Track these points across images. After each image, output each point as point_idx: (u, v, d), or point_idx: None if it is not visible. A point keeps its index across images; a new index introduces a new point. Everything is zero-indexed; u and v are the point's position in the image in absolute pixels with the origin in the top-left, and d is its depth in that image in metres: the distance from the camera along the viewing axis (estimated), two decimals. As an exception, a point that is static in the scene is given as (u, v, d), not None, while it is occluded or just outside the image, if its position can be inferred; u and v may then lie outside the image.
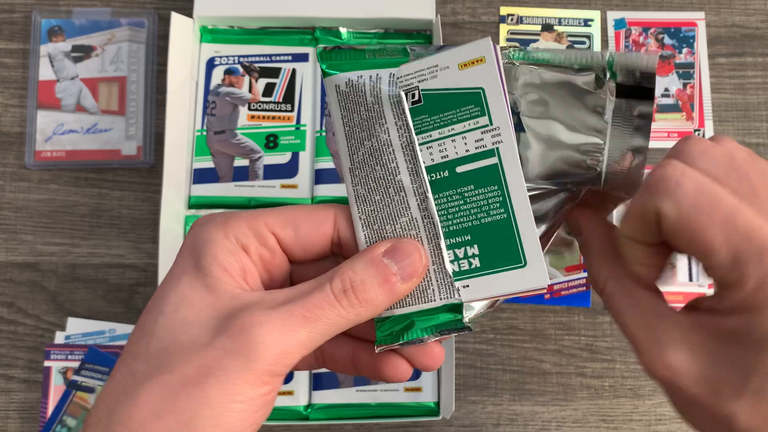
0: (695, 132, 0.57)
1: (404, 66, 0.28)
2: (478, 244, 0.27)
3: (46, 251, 0.54)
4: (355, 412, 0.50)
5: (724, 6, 0.59)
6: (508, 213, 0.27)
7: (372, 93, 0.28)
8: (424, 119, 0.27)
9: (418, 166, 0.27)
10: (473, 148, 0.27)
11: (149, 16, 0.57)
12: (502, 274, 0.27)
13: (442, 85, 0.27)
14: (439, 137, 0.27)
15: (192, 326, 0.25)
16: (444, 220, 0.27)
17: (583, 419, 0.52)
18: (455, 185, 0.27)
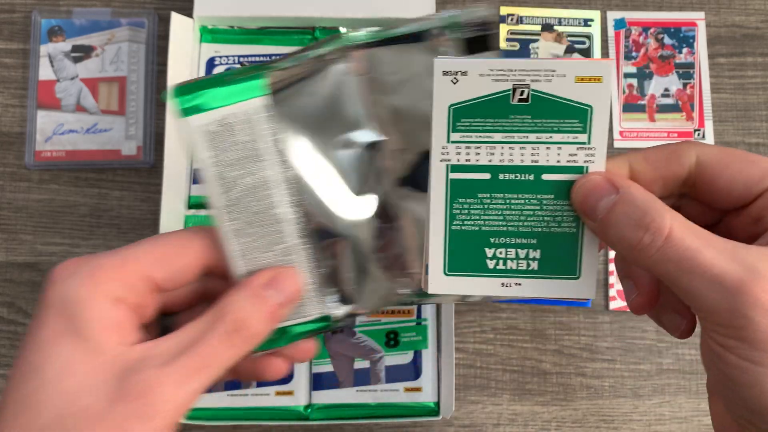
0: (695, 132, 0.57)
1: (520, 59, 0.28)
2: (541, 250, 0.29)
3: (46, 251, 0.54)
4: (354, 412, 0.50)
5: (724, 6, 0.59)
6: (578, 228, 0.28)
7: (245, 131, 0.28)
8: (525, 119, 0.28)
9: (303, 196, 0.29)
10: (564, 161, 0.28)
11: (149, 16, 0.57)
12: (554, 281, 0.29)
13: (554, 91, 0.27)
14: (536, 141, 0.28)
15: (84, 394, 0.24)
16: (515, 220, 0.28)
17: (583, 419, 0.52)
18: (537, 191, 0.28)
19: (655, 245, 0.25)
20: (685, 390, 0.53)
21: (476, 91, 0.28)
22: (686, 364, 0.53)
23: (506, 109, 0.28)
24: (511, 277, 0.29)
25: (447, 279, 0.29)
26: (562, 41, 0.58)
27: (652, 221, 0.25)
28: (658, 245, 0.25)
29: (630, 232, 0.25)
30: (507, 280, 0.29)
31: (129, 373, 0.24)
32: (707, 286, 0.24)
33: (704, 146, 0.28)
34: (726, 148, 0.28)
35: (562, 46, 0.58)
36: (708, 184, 0.28)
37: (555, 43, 0.58)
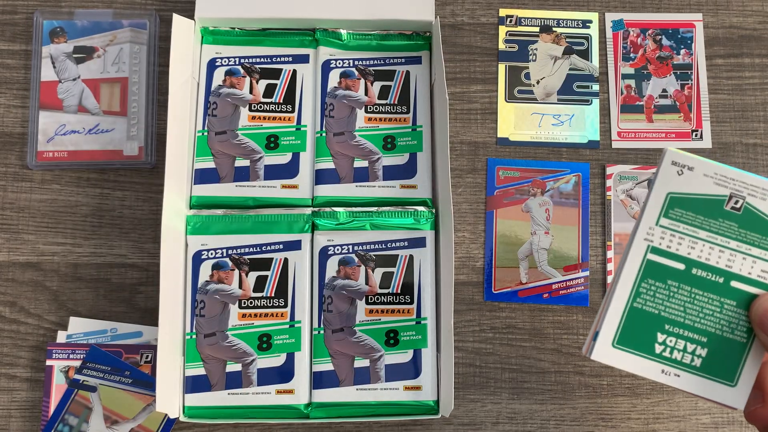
0: (692, 133, 0.57)
1: (742, 172, 0.30)
2: (708, 349, 0.30)
3: (48, 251, 0.54)
4: (355, 410, 0.50)
5: (722, 7, 0.59)
6: (749, 340, 0.30)
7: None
8: (732, 226, 0.30)
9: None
10: (756, 275, 0.30)
11: (151, 18, 0.57)
12: (711, 382, 0.30)
13: (766, 209, 0.30)
14: (735, 249, 0.30)
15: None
16: (694, 315, 0.30)
17: (582, 418, 0.52)
18: (722, 294, 0.30)
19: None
20: (683, 389, 0.53)
21: (696, 188, 0.30)
22: (684, 363, 0.53)
23: (718, 212, 0.30)
24: (672, 367, 0.30)
25: (613, 350, 0.30)
26: (560, 42, 0.58)
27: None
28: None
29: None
30: (668, 369, 0.30)
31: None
32: None
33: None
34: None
35: (561, 48, 0.58)
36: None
37: (553, 44, 0.58)
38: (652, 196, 0.30)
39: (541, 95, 0.58)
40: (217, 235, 0.52)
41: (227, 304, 0.51)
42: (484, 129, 0.57)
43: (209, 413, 0.50)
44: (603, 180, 0.56)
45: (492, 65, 0.58)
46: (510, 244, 0.55)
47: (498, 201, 0.55)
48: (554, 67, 0.58)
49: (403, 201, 0.53)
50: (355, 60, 0.55)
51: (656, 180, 0.30)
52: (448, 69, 0.57)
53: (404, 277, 0.51)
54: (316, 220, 0.52)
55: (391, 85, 0.55)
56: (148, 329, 0.52)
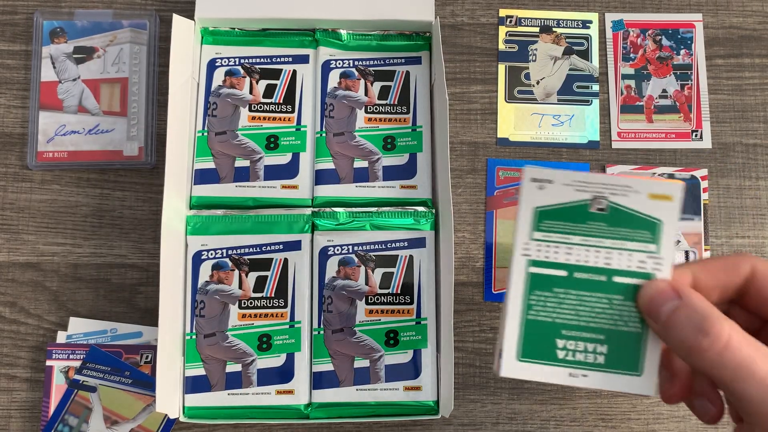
0: (692, 133, 0.57)
1: (600, 174, 0.32)
2: (608, 345, 0.31)
3: (48, 251, 0.54)
4: (355, 410, 0.50)
5: (722, 7, 0.59)
6: (643, 329, 0.31)
7: None
8: (602, 226, 0.31)
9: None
10: (635, 266, 0.31)
11: (151, 18, 0.57)
12: (618, 376, 0.31)
13: (629, 205, 0.31)
14: (610, 246, 0.31)
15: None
16: (586, 315, 0.31)
17: (582, 418, 0.52)
18: (608, 290, 0.31)
19: (714, 350, 0.27)
20: (683, 389, 0.53)
21: (560, 198, 0.31)
22: (684, 363, 0.53)
23: (585, 216, 0.31)
24: (578, 368, 0.31)
25: (519, 364, 0.31)
26: (560, 43, 0.58)
27: (711, 327, 0.28)
28: (717, 350, 0.27)
29: (691, 335, 0.28)
30: (575, 371, 0.31)
31: None
32: (762, 395, 0.26)
33: (759, 260, 0.31)
34: (704, 261, 0.32)
35: (561, 48, 0.58)
36: (758, 295, 0.31)
37: (553, 44, 0.58)
38: (520, 213, 0.31)
39: (541, 95, 0.58)
40: (217, 236, 0.52)
41: (227, 305, 0.51)
42: (484, 129, 0.57)
43: (209, 413, 0.50)
44: (603, 180, 0.56)
45: (492, 65, 0.58)
46: (510, 244, 0.55)
47: (498, 201, 0.55)
48: (554, 67, 0.58)
49: (403, 201, 0.53)
50: (355, 60, 0.55)
51: (521, 198, 0.32)
52: (448, 69, 0.57)
53: (404, 277, 0.51)
54: (316, 220, 0.52)
55: (391, 86, 0.55)
56: (148, 329, 0.52)
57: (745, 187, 0.56)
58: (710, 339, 0.27)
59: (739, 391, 0.27)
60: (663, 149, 0.57)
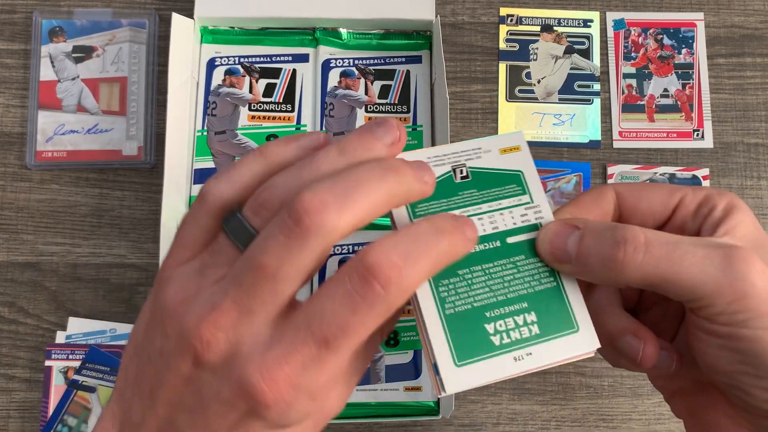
0: (694, 132, 0.57)
1: (450, 144, 0.31)
2: (535, 312, 0.29)
3: (47, 251, 0.54)
4: (354, 411, 0.50)
5: (723, 6, 0.59)
6: (556, 280, 0.29)
7: None
8: (473, 193, 0.30)
9: None
10: (520, 222, 0.30)
11: (150, 17, 0.57)
12: (560, 340, 0.29)
13: (487, 165, 0.30)
14: (489, 210, 0.30)
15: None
16: (500, 288, 0.29)
17: (583, 418, 0.52)
18: (508, 255, 0.29)
19: (639, 250, 0.27)
20: (685, 389, 0.53)
21: None
22: (685, 363, 0.53)
23: (454, 187, 0.30)
24: (519, 348, 0.28)
25: (460, 371, 0.28)
26: (561, 42, 0.58)
27: (625, 233, 0.27)
28: (642, 249, 0.27)
29: (611, 251, 0.27)
30: (517, 353, 0.28)
31: None
32: (703, 269, 0.26)
33: (618, 184, 0.31)
34: (635, 182, 0.31)
35: (562, 47, 0.58)
36: (632, 212, 0.30)
37: (554, 43, 0.58)
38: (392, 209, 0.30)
39: (542, 95, 0.57)
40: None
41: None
42: (485, 129, 0.57)
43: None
44: (604, 180, 0.56)
45: (493, 64, 0.58)
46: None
47: (499, 201, 0.55)
48: (555, 66, 0.58)
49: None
50: (355, 59, 0.55)
51: None
52: (448, 68, 0.57)
53: None
54: None
55: (392, 85, 0.55)
56: (148, 330, 0.52)
57: (747, 187, 0.56)
58: (631, 243, 0.27)
59: (681, 276, 0.26)
60: (664, 149, 0.57)
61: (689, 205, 0.30)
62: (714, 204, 0.29)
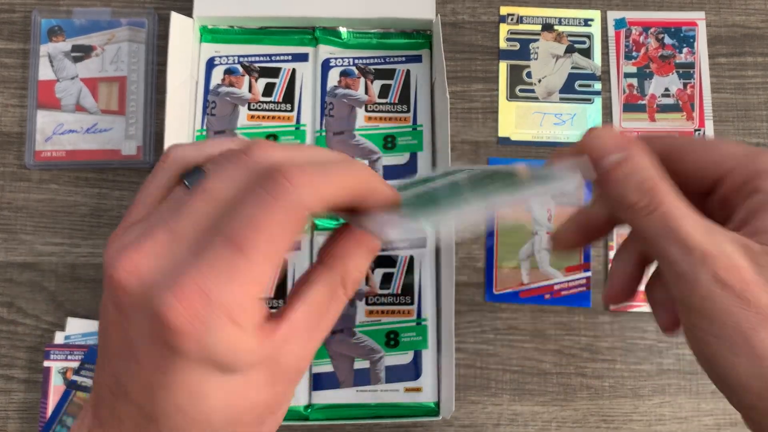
0: (695, 132, 0.57)
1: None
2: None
3: (46, 251, 0.54)
4: (354, 412, 0.50)
5: (725, 6, 0.59)
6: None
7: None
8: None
9: None
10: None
11: (149, 16, 0.57)
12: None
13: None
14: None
15: (248, 399, 0.24)
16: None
17: (584, 419, 0.52)
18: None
19: (647, 209, 0.27)
20: (686, 390, 0.52)
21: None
22: (687, 364, 0.53)
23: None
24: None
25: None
26: (562, 41, 0.58)
27: (651, 188, 0.27)
28: (650, 210, 0.27)
29: (630, 193, 0.27)
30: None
31: (278, 362, 0.24)
32: (679, 255, 0.26)
33: (669, 137, 0.30)
34: (689, 137, 0.29)
35: (563, 46, 0.58)
36: (675, 170, 0.29)
37: (555, 43, 0.58)
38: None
39: (542, 94, 0.57)
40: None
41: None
42: (485, 128, 0.56)
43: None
44: (605, 180, 0.55)
45: (493, 64, 0.57)
46: (511, 244, 0.54)
47: (499, 201, 0.55)
48: (556, 65, 0.58)
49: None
50: (355, 59, 0.55)
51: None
52: (448, 67, 0.57)
53: (404, 277, 0.51)
54: (317, 221, 0.52)
55: (392, 84, 0.55)
56: (147, 330, 0.52)
57: (748, 187, 0.56)
58: (648, 198, 0.27)
59: (662, 250, 0.26)
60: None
61: (736, 178, 0.28)
62: (757, 186, 0.28)
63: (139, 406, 0.23)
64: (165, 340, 0.22)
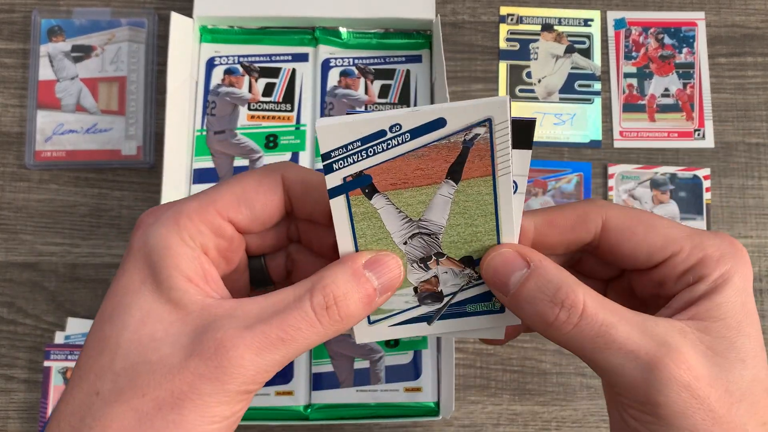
0: (695, 132, 0.57)
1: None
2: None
3: (46, 251, 0.54)
4: (354, 412, 0.50)
5: (724, 6, 0.59)
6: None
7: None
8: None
9: None
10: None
11: (149, 16, 0.57)
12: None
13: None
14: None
15: (161, 343, 0.24)
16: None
17: (583, 419, 0.52)
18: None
19: (571, 322, 0.25)
20: (685, 390, 0.52)
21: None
22: (686, 364, 0.53)
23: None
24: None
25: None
26: (562, 41, 0.58)
27: (566, 297, 0.25)
28: (574, 321, 0.25)
29: (545, 308, 0.25)
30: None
31: (208, 329, 0.24)
32: (623, 363, 0.24)
33: (611, 209, 0.28)
34: (632, 211, 0.28)
35: (562, 46, 0.58)
36: (612, 249, 0.28)
37: (555, 43, 0.58)
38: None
39: (542, 94, 0.57)
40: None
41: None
42: (485, 128, 0.56)
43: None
44: (605, 180, 0.56)
45: (493, 64, 0.58)
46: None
47: (499, 201, 0.55)
48: (556, 65, 0.58)
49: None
50: (355, 59, 0.55)
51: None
52: (448, 68, 0.57)
53: None
54: None
55: (392, 84, 0.55)
56: (147, 330, 0.52)
57: (748, 187, 0.56)
58: (566, 309, 0.25)
59: (602, 361, 0.25)
60: (665, 148, 0.56)
61: (678, 265, 0.27)
62: (704, 274, 0.26)
63: (99, 312, 0.26)
64: (130, 239, 0.26)
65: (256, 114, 0.54)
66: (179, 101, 0.51)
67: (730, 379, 0.24)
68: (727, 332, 0.25)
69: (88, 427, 0.23)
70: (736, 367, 0.25)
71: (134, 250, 0.25)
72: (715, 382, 0.24)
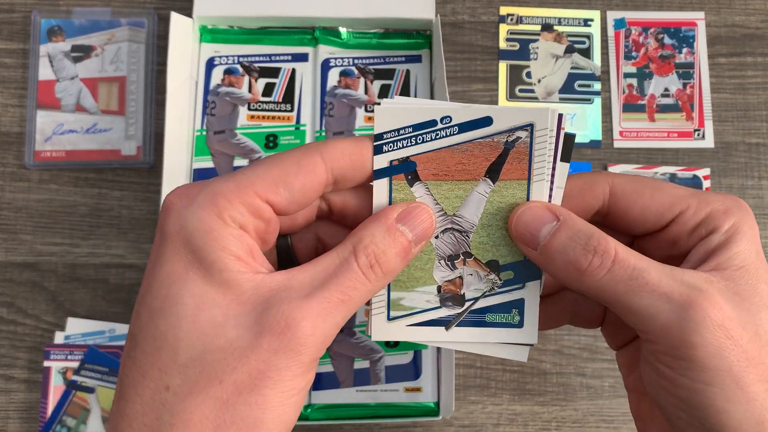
0: (695, 132, 0.57)
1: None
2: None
3: (46, 251, 0.54)
4: (354, 412, 0.50)
5: (724, 6, 0.59)
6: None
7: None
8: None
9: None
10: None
11: (149, 16, 0.57)
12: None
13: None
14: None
15: (224, 328, 0.23)
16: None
17: (583, 419, 0.52)
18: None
19: (604, 267, 0.26)
20: (685, 390, 0.52)
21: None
22: (686, 364, 0.53)
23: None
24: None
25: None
26: (562, 41, 0.58)
27: (598, 244, 0.26)
28: (607, 266, 0.26)
29: (578, 255, 0.26)
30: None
31: (269, 304, 0.24)
32: (657, 304, 0.25)
33: (617, 177, 0.29)
34: (637, 177, 0.29)
35: (562, 46, 0.58)
36: (622, 214, 0.29)
37: (555, 43, 0.58)
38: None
39: (542, 94, 0.57)
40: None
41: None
42: (485, 128, 0.56)
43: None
44: (605, 180, 0.55)
45: (493, 64, 0.58)
46: (511, 244, 0.54)
47: (499, 201, 0.55)
48: (555, 65, 0.58)
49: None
50: (355, 59, 0.55)
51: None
52: (448, 68, 0.57)
53: None
54: None
55: (391, 84, 0.55)
56: (147, 330, 0.52)
57: (748, 187, 0.56)
58: (599, 255, 0.25)
59: (635, 305, 0.25)
60: (665, 148, 0.56)
61: (688, 221, 0.28)
62: (715, 226, 0.27)
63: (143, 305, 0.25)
64: (160, 223, 0.25)
65: (256, 114, 0.54)
66: (179, 101, 0.51)
67: (758, 323, 0.25)
68: (749, 279, 0.26)
69: (167, 424, 0.23)
70: (762, 311, 0.25)
71: (170, 235, 0.24)
72: (746, 325, 0.25)
